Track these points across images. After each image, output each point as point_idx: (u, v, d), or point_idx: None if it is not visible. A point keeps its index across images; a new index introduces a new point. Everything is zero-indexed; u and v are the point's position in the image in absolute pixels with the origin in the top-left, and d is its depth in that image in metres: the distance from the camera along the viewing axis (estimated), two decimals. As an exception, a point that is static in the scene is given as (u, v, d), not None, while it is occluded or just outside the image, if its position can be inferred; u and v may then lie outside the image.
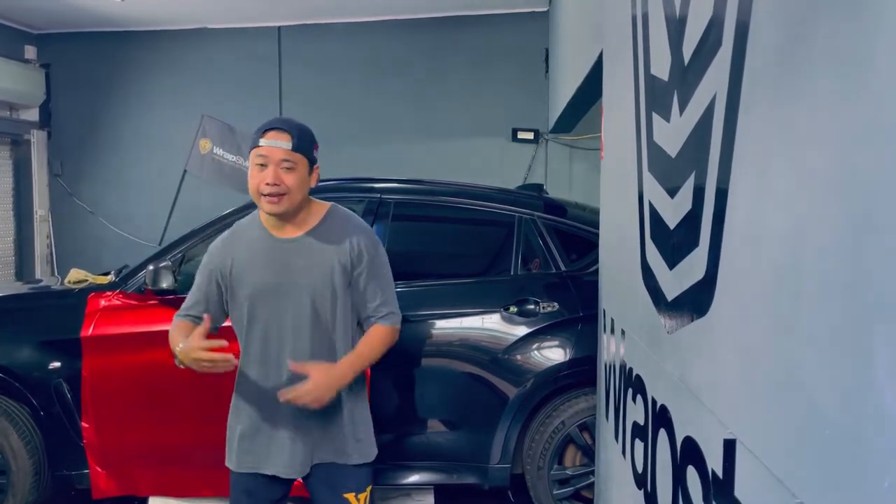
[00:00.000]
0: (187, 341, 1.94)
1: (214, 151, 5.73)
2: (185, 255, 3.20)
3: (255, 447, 2.10)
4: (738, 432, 1.16)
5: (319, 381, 1.98)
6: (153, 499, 3.14)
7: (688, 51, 1.47)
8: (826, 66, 0.91)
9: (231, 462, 2.15)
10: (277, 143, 2.00)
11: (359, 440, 2.15)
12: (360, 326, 2.19)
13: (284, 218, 2.07)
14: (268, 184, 1.98)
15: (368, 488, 2.18)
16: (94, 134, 7.51)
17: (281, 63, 7.26)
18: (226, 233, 2.20)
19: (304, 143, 2.04)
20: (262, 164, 2.01)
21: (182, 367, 1.98)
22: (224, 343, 1.93)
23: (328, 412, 2.08)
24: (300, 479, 2.16)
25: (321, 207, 2.15)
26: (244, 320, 2.10)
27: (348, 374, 2.05)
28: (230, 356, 1.92)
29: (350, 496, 2.13)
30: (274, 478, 2.11)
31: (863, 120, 0.82)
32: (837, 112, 0.88)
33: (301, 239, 2.08)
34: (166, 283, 2.97)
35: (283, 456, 2.08)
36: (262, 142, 2.01)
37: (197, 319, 2.10)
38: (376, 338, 2.13)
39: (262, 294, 2.07)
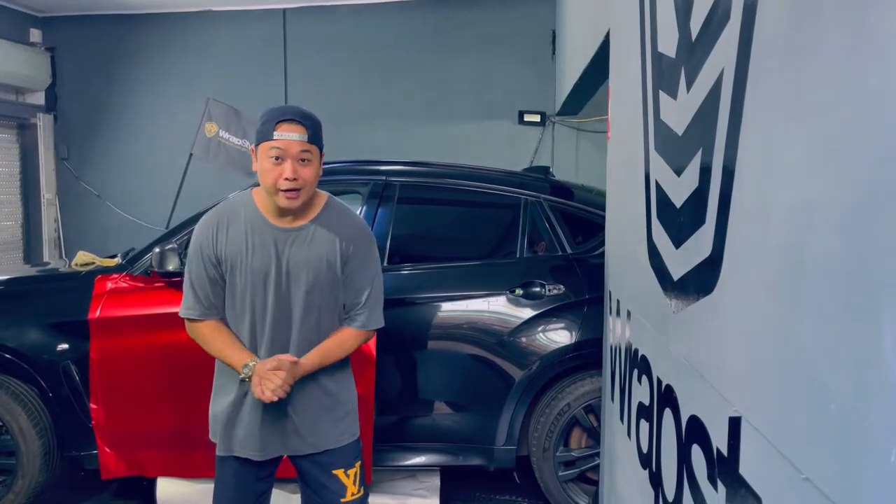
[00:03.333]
0: (261, 365, 1.98)
1: (220, 135, 5.72)
2: (190, 237, 3.20)
3: (233, 431, 2.10)
4: (743, 410, 1.16)
5: (287, 379, 1.97)
6: (161, 479, 3.17)
7: (695, 26, 1.45)
8: (835, 41, 0.90)
9: (216, 439, 2.16)
10: (293, 136, 1.93)
11: (338, 424, 2.13)
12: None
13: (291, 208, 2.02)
14: (287, 179, 1.92)
15: (358, 463, 2.17)
16: (99, 117, 7.50)
17: (286, 45, 7.22)
18: (212, 213, 2.10)
19: (318, 134, 1.99)
20: (277, 157, 1.94)
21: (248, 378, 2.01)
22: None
23: (304, 400, 2.08)
24: (288, 459, 2.16)
25: (320, 198, 2.10)
26: (235, 305, 2.07)
27: (307, 371, 2.05)
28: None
29: (339, 472, 2.12)
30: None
31: (872, 95, 0.80)
32: (846, 87, 0.86)
33: (300, 229, 2.04)
34: (172, 265, 2.97)
35: (253, 440, 2.08)
36: (276, 135, 1.93)
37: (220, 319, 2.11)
38: (346, 340, 2.11)
39: (254, 281, 2.02)
